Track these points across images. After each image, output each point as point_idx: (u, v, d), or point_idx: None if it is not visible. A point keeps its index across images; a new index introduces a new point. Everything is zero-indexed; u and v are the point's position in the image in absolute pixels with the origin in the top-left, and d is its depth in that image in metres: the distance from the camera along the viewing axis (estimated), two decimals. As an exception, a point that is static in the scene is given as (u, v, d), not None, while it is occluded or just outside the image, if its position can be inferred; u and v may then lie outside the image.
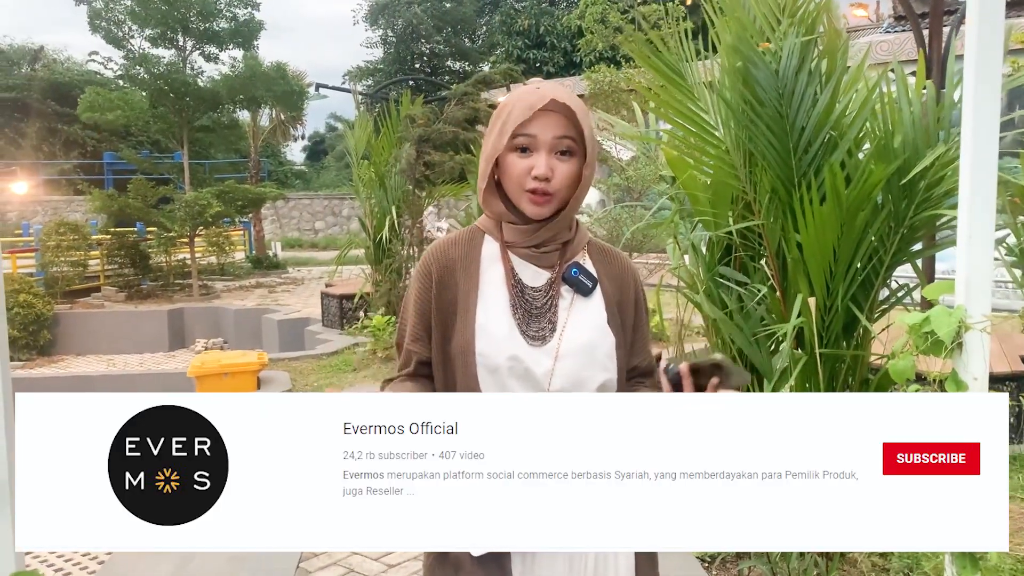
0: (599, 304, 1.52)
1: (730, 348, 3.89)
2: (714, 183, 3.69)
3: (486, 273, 1.51)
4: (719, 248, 3.95)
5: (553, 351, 1.45)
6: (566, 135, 1.43)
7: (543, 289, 1.50)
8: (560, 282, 1.51)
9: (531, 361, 1.44)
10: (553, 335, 1.46)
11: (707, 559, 3.49)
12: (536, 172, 1.42)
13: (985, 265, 1.79)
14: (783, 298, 3.38)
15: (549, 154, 1.43)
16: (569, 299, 1.50)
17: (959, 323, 1.77)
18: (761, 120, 3.25)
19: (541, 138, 1.43)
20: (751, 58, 3.22)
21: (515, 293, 1.48)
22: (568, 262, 1.52)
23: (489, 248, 1.54)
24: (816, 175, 3.22)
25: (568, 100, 1.43)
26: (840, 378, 3.24)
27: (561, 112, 1.43)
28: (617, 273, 1.57)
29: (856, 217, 2.99)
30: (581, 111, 1.45)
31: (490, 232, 1.55)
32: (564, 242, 1.52)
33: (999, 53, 1.78)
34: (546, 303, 1.49)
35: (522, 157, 1.44)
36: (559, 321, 1.48)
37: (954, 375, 1.83)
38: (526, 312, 1.47)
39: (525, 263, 1.51)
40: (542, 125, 1.42)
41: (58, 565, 5.55)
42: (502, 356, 1.43)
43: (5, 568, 1.59)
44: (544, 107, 1.41)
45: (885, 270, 3.15)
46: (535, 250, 1.51)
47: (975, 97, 1.78)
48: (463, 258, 1.52)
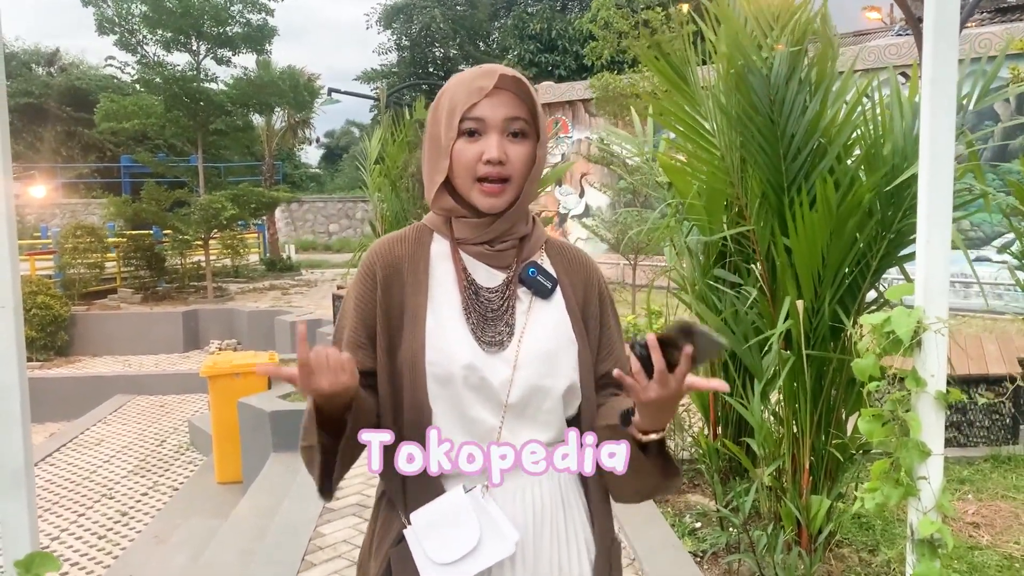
0: (560, 307, 1.39)
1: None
2: (708, 188, 3.79)
3: (436, 274, 1.36)
4: (714, 252, 4.06)
5: (511, 358, 1.32)
6: (518, 115, 1.31)
7: (499, 290, 1.36)
8: (517, 282, 1.37)
9: (487, 370, 1.30)
10: (511, 340, 1.33)
11: (698, 554, 3.58)
12: (489, 155, 1.29)
13: (942, 270, 1.89)
14: (772, 301, 3.47)
15: (500, 136, 1.30)
16: (527, 302, 1.37)
17: (917, 323, 1.87)
18: (753, 126, 3.34)
19: (491, 120, 1.30)
20: (744, 66, 3.32)
21: (468, 295, 1.34)
22: (525, 261, 1.38)
23: (438, 247, 1.39)
24: (805, 181, 3.31)
25: (516, 76, 1.31)
26: (827, 378, 3.32)
27: (511, 90, 1.31)
28: (579, 273, 1.44)
29: (846, 224, 3.07)
30: (530, 87, 1.33)
31: (438, 229, 1.40)
32: (521, 238, 1.38)
33: (954, 65, 1.88)
34: (502, 305, 1.35)
35: (470, 142, 1.30)
36: (517, 325, 1.34)
37: (914, 372, 1.92)
38: (480, 316, 1.33)
39: (478, 263, 1.37)
40: (491, 106, 1.29)
41: (74, 560, 5.69)
42: (456, 365, 1.29)
43: (23, 549, 1.73)
44: (494, 86, 1.29)
45: (872, 274, 3.23)
46: (489, 247, 1.36)
47: (931, 108, 1.88)
48: (410, 257, 1.37)
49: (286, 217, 26.70)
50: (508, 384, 1.30)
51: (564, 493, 1.38)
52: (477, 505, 1.29)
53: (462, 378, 1.29)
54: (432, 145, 1.36)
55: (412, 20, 29.87)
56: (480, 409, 1.31)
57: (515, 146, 1.31)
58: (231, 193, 15.19)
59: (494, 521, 1.29)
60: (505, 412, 1.31)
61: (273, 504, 4.69)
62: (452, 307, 1.34)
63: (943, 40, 1.87)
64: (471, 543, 1.27)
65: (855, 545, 3.62)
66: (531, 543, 1.33)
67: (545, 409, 1.34)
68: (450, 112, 1.31)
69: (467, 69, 1.39)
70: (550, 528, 1.35)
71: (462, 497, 1.30)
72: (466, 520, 1.29)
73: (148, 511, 6.54)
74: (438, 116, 1.34)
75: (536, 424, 1.34)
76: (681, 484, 1.31)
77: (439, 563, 1.27)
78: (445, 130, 1.31)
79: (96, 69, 29.00)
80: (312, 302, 13.65)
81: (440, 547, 1.28)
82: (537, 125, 1.34)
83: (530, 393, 1.32)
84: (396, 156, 9.44)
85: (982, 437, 5.06)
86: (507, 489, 1.32)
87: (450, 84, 1.36)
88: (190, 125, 16.13)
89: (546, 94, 16.94)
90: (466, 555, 1.27)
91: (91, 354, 12.47)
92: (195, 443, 8.19)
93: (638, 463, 1.31)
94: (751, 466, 3.59)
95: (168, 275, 15.28)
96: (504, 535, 1.29)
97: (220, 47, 16.15)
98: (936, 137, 1.88)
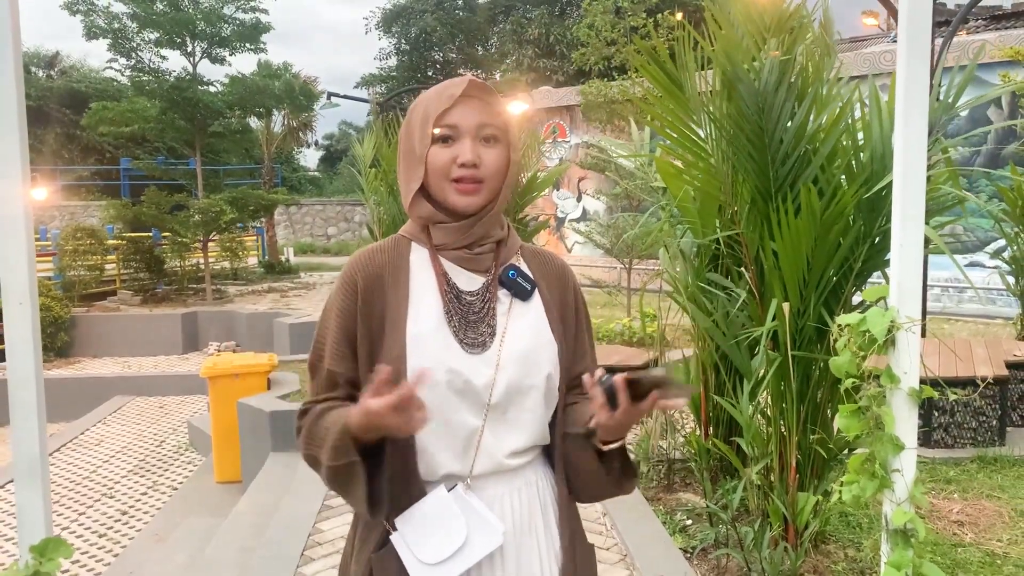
0: (538, 308, 1.43)
1: (713, 350, 4.09)
2: (702, 193, 3.89)
3: (416, 281, 1.40)
4: (707, 255, 4.15)
5: (493, 360, 1.35)
6: (488, 122, 1.37)
7: (479, 293, 1.40)
8: (497, 284, 1.41)
9: (470, 372, 1.33)
10: (493, 341, 1.37)
11: (688, 550, 3.67)
12: (463, 158, 1.34)
13: (914, 272, 1.98)
14: (761, 304, 3.57)
15: (473, 140, 1.36)
16: (507, 304, 1.41)
17: (891, 323, 1.96)
18: (743, 133, 3.43)
19: (463, 126, 1.35)
20: (735, 74, 3.41)
21: (449, 299, 1.38)
22: (503, 264, 1.43)
23: (418, 255, 1.43)
24: (792, 187, 3.41)
25: (486, 85, 1.39)
26: (814, 379, 3.42)
27: (480, 97, 1.37)
28: (555, 276, 1.49)
29: (830, 230, 3.16)
30: (498, 97, 1.40)
31: (416, 239, 1.44)
32: (498, 242, 1.43)
33: (925, 72, 1.97)
34: (483, 308, 1.39)
35: (444, 147, 1.36)
36: (498, 326, 1.38)
37: (888, 370, 2.01)
38: (462, 319, 1.37)
39: (458, 268, 1.41)
40: (462, 113, 1.35)
41: (75, 557, 5.75)
42: (439, 369, 1.32)
43: (38, 535, 1.81)
44: (463, 93, 1.35)
45: (855, 277, 3.32)
46: (468, 251, 1.40)
47: (904, 115, 1.97)
48: (391, 265, 1.41)
49: (285, 220, 26.81)
50: (491, 385, 1.34)
51: (542, 497, 1.43)
52: (461, 501, 1.33)
53: (446, 382, 1.32)
54: (407, 155, 1.40)
55: (410, 24, 30.00)
56: (464, 412, 1.34)
57: (488, 150, 1.36)
58: (230, 196, 15.24)
59: (479, 515, 1.32)
60: (487, 413, 1.35)
61: (273, 502, 4.78)
62: (434, 312, 1.37)
63: (914, 48, 1.96)
64: (459, 540, 1.30)
65: (842, 541, 3.71)
66: (513, 546, 1.36)
67: (526, 408, 1.38)
68: (423, 121, 1.36)
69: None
70: (530, 532, 1.39)
71: (445, 496, 1.33)
72: (452, 518, 1.32)
73: (148, 510, 6.60)
74: (411, 128, 1.39)
75: (517, 425, 1.38)
76: (636, 485, 1.36)
77: (429, 564, 1.30)
78: (419, 139, 1.37)
79: (97, 72, 29.10)
80: (311, 305, 13.73)
81: (429, 548, 1.31)
82: (508, 131, 1.39)
83: (512, 393, 1.35)
84: (392, 160, 9.55)
85: (969, 439, 5.15)
86: (489, 495, 1.36)
87: (421, 98, 1.42)
88: (187, 128, 16.20)
89: (544, 99, 17.06)
90: (455, 552, 1.30)
91: (91, 355, 12.53)
92: (194, 443, 8.26)
93: (597, 468, 1.39)
94: (740, 465, 3.68)
95: (167, 277, 15.35)
96: (491, 527, 1.32)
97: (215, 46, 16.18)
98: (908, 143, 1.97)
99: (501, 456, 1.36)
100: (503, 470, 1.37)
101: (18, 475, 1.79)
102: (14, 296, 1.75)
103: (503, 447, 1.36)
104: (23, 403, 1.76)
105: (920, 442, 5.13)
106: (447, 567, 1.30)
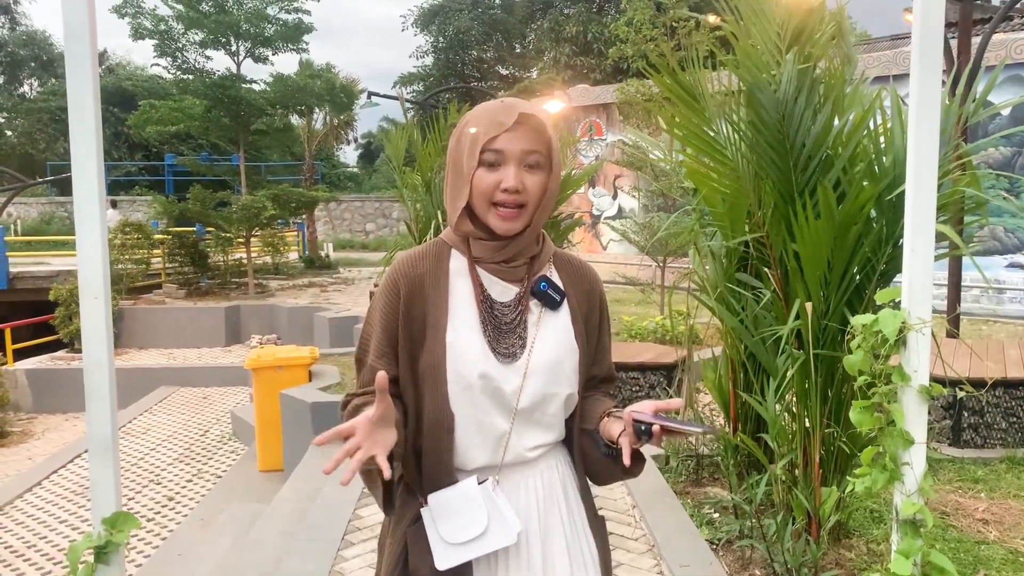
0: (566, 318, 1.55)
1: (740, 349, 4.19)
2: (729, 196, 3.98)
3: (454, 288, 1.51)
4: (735, 256, 4.25)
5: (522, 369, 1.47)
6: (534, 149, 1.44)
7: (512, 304, 1.51)
8: (529, 297, 1.52)
9: (501, 379, 1.46)
10: (523, 351, 1.48)
11: (714, 542, 3.78)
12: (506, 184, 1.42)
13: (925, 274, 2.08)
14: (785, 303, 3.66)
15: (518, 167, 1.44)
16: (537, 314, 1.52)
17: (902, 324, 2.07)
18: (763, 139, 3.53)
19: (509, 152, 1.43)
20: (755, 83, 3.51)
21: (484, 309, 1.49)
22: (536, 275, 1.53)
23: (456, 263, 1.53)
24: (813, 191, 3.49)
25: (535, 113, 1.45)
26: (837, 376, 3.50)
27: (528, 125, 1.44)
28: (583, 284, 1.60)
29: (849, 231, 3.25)
30: (547, 124, 1.47)
31: (456, 247, 1.54)
32: (531, 256, 1.53)
33: (938, 76, 2.07)
34: (515, 319, 1.50)
35: (490, 171, 1.44)
36: (528, 337, 1.50)
37: (899, 369, 2.12)
38: (496, 329, 1.49)
39: (493, 278, 1.51)
40: (510, 139, 1.42)
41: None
42: (473, 375, 1.44)
43: (109, 508, 1.99)
44: (515, 121, 1.42)
45: (879, 277, 3.40)
46: (503, 265, 1.51)
47: (916, 119, 2.06)
48: (431, 273, 1.51)
49: (324, 216, 27.24)
50: (518, 392, 1.47)
51: (564, 481, 1.57)
52: (487, 496, 1.47)
53: (479, 387, 1.45)
54: (454, 173, 1.50)
55: (447, 23, 30.20)
56: (494, 415, 1.48)
57: (531, 176, 1.45)
58: (271, 192, 15.60)
59: (501, 512, 1.46)
60: (515, 417, 1.48)
61: (314, 489, 4.96)
62: (470, 321, 1.49)
63: (927, 51, 2.04)
64: (478, 529, 1.44)
65: (865, 536, 3.79)
66: (540, 527, 1.51)
67: (550, 413, 1.52)
68: (472, 143, 1.44)
69: (489, 101, 1.54)
70: (556, 513, 1.54)
71: (475, 488, 1.47)
72: (476, 508, 1.46)
73: (193, 496, 6.86)
74: (460, 146, 1.48)
75: (541, 427, 1.53)
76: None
77: (449, 543, 1.45)
78: (467, 159, 1.45)
79: (143, 69, 29.75)
80: (350, 299, 14.00)
81: (451, 529, 1.45)
82: (552, 158, 1.48)
83: (539, 400, 1.49)
84: (429, 158, 9.71)
85: (999, 439, 5.18)
86: (515, 480, 1.51)
87: (472, 116, 1.50)
88: (231, 126, 16.53)
89: (581, 97, 17.13)
90: (473, 539, 1.44)
91: (138, 347, 12.91)
92: (237, 433, 8.52)
93: (608, 460, 1.54)
94: (766, 460, 3.78)
95: (211, 272, 15.71)
96: (508, 526, 1.45)
97: (258, 46, 16.49)
98: (920, 147, 2.05)
99: (524, 451, 1.51)
100: (526, 460, 1.52)
101: (92, 453, 1.97)
102: (89, 291, 1.93)
103: (526, 443, 1.51)
104: (98, 386, 1.94)
105: (949, 441, 5.21)
106: (463, 549, 1.44)
